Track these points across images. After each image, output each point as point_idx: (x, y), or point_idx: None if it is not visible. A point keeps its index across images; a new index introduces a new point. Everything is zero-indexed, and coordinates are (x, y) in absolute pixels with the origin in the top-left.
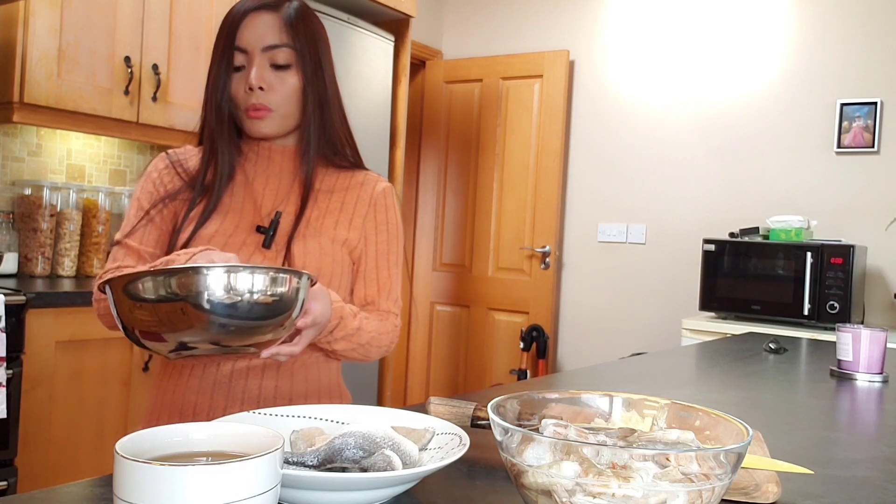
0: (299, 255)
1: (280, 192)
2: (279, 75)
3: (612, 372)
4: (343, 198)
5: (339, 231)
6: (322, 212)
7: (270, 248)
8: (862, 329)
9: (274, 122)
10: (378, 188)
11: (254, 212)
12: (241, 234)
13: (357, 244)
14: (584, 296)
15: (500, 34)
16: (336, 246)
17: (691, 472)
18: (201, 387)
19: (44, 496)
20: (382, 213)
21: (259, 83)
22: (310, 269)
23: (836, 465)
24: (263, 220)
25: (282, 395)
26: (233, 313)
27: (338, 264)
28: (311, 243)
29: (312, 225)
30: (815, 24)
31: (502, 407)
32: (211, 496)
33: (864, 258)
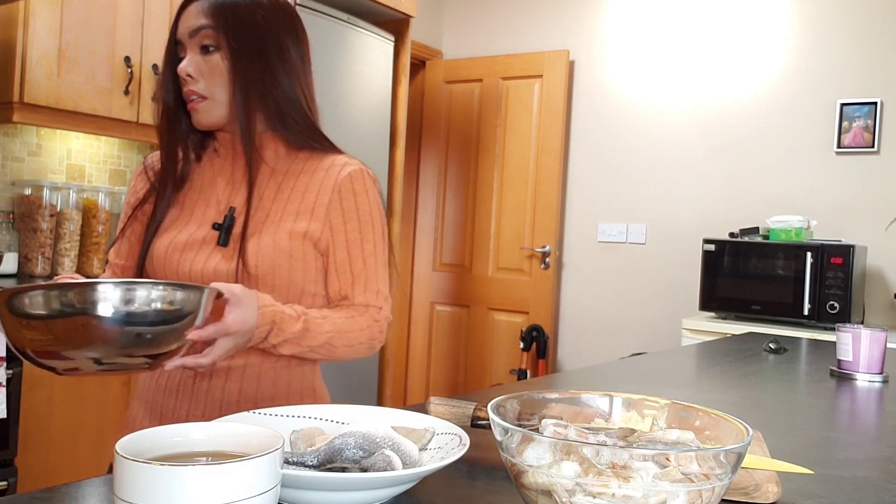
0: (252, 253)
1: (234, 184)
2: (208, 60)
3: (612, 372)
4: (307, 183)
5: (300, 223)
6: (283, 202)
7: (227, 245)
8: (862, 329)
9: (210, 110)
10: (343, 173)
11: (209, 206)
12: (202, 232)
13: (322, 235)
14: (584, 296)
15: (500, 34)
16: (295, 240)
17: (691, 472)
18: (168, 388)
19: (44, 496)
20: (350, 200)
21: (187, 71)
22: (263, 268)
23: (836, 465)
24: (220, 216)
25: (246, 399)
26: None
27: (297, 260)
28: (266, 239)
29: (271, 218)
30: (816, 25)
31: (502, 407)
32: (211, 496)
33: (864, 258)
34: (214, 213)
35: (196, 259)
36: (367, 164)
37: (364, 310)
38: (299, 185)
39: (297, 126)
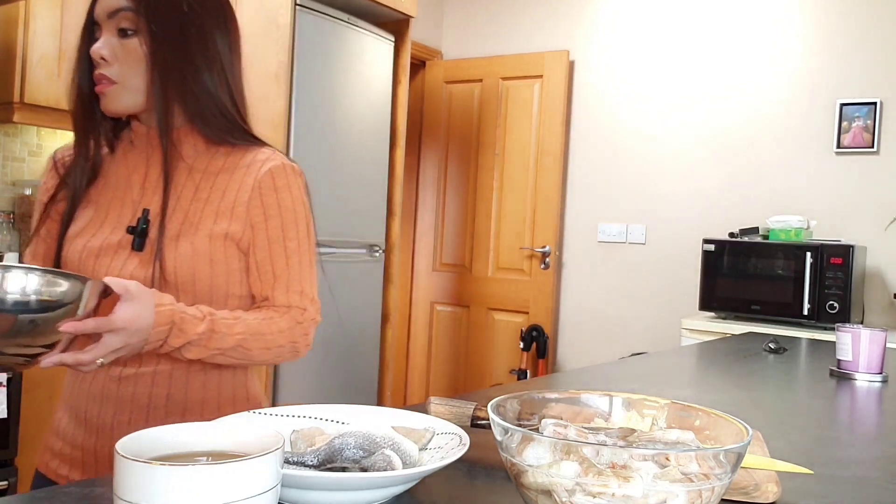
0: (170, 259)
1: (148, 182)
2: (125, 44)
3: (611, 372)
4: (227, 182)
5: (219, 224)
6: (201, 203)
7: (143, 250)
8: (861, 329)
9: (119, 96)
10: (264, 169)
11: (124, 208)
12: (117, 235)
13: (243, 235)
14: (584, 296)
15: (500, 34)
16: (215, 243)
17: (691, 472)
18: (91, 392)
19: (44, 496)
20: (271, 196)
21: (101, 53)
22: (182, 274)
23: (836, 464)
24: (135, 218)
25: (175, 404)
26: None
27: (218, 264)
28: (184, 244)
29: (189, 220)
30: (815, 25)
31: (502, 407)
32: (211, 496)
33: (863, 258)
34: (130, 214)
35: (112, 265)
36: (367, 164)
37: (285, 311)
38: (219, 183)
39: (216, 120)
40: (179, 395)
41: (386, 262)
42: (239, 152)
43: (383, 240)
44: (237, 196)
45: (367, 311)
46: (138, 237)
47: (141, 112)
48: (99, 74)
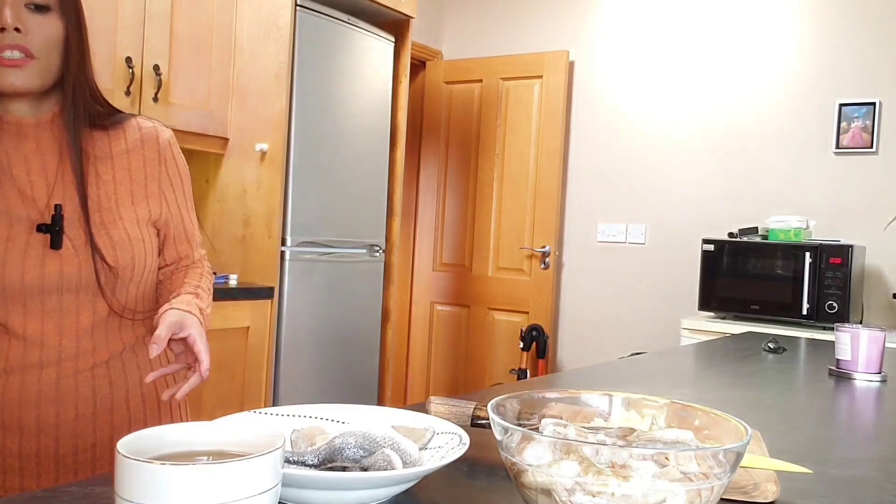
0: (108, 249)
1: (49, 175)
2: (38, 19)
3: (611, 371)
4: (129, 162)
5: (140, 207)
6: (110, 185)
7: (61, 247)
8: (860, 329)
9: (34, 72)
10: (162, 140)
11: (25, 205)
12: (21, 235)
13: (161, 213)
14: (584, 295)
15: (499, 35)
16: (142, 227)
17: (690, 472)
18: (23, 399)
19: (45, 495)
20: (173, 166)
21: (15, 23)
22: (123, 261)
23: (835, 464)
24: (43, 215)
25: (118, 390)
26: None
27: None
28: (116, 231)
29: (105, 207)
30: (815, 26)
31: (502, 406)
32: (212, 495)
33: (862, 258)
34: (27, 211)
35: (27, 267)
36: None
37: (201, 263)
38: (120, 165)
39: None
40: (120, 381)
41: (386, 262)
42: (118, 130)
43: (383, 240)
44: (146, 173)
45: (367, 311)
46: (55, 235)
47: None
48: (10, 45)
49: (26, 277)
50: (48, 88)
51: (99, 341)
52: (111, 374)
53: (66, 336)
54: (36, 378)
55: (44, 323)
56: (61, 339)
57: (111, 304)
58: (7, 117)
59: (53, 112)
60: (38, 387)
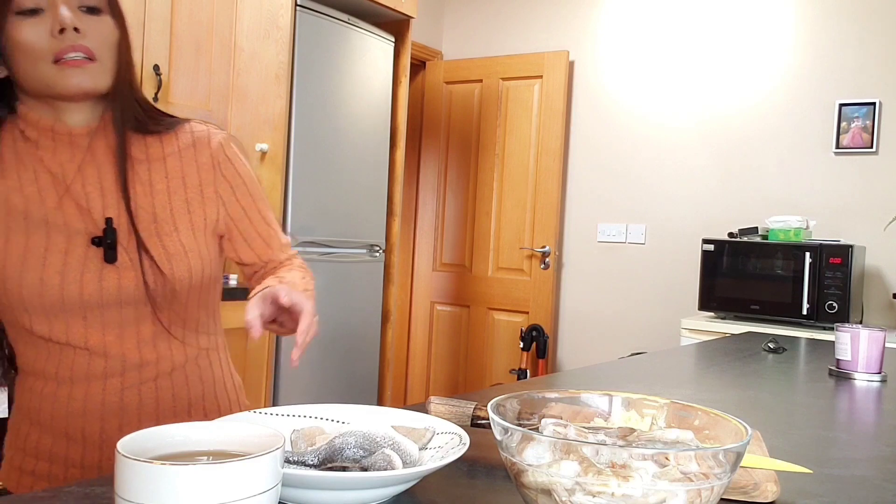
0: (163, 262)
1: (104, 185)
2: (92, 20)
3: (611, 371)
4: (180, 167)
5: (196, 215)
6: (165, 198)
7: (116, 261)
8: (860, 329)
9: (97, 73)
10: (214, 143)
11: (82, 218)
12: (79, 249)
13: (219, 217)
14: (584, 296)
15: (499, 35)
16: (199, 236)
17: (690, 472)
18: (87, 409)
19: (46, 495)
20: (229, 168)
21: (74, 23)
22: (179, 273)
23: (835, 464)
24: (98, 227)
25: (181, 402)
26: None
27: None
28: (171, 243)
29: (161, 217)
30: (815, 25)
31: (502, 406)
32: (212, 495)
33: (862, 258)
34: (83, 223)
35: (85, 281)
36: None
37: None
38: (172, 170)
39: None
40: (183, 393)
41: (386, 262)
42: (170, 135)
43: (383, 240)
44: (200, 178)
45: (367, 311)
46: (108, 248)
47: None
48: (71, 46)
49: (85, 291)
50: (104, 90)
51: (162, 352)
52: (174, 386)
53: (127, 346)
54: (100, 388)
55: (105, 334)
56: (123, 349)
57: (170, 315)
58: (58, 127)
59: (103, 119)
60: (102, 397)
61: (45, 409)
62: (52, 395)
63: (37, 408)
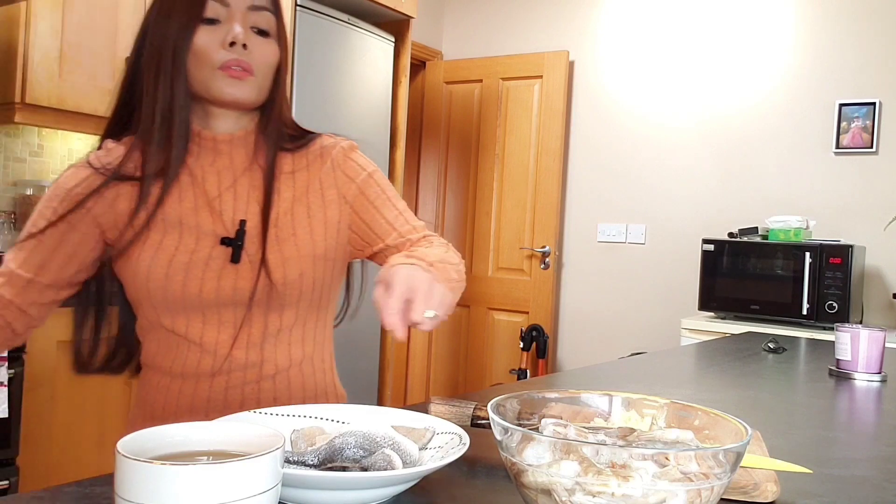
0: (277, 265)
1: (238, 191)
2: (259, 41)
3: (611, 371)
4: (307, 179)
5: (315, 220)
6: (287, 206)
7: (240, 262)
8: (860, 329)
9: (251, 88)
10: (336, 150)
11: (213, 220)
12: (205, 248)
13: (341, 216)
14: (584, 296)
15: (499, 35)
16: (318, 240)
17: (690, 472)
18: (194, 405)
19: (45, 495)
20: (351, 167)
21: (245, 40)
22: (291, 277)
23: (835, 464)
24: (227, 228)
25: (281, 403)
26: None
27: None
28: (287, 247)
29: (281, 223)
30: (814, 25)
31: (502, 406)
32: (212, 495)
33: (862, 258)
34: (213, 224)
35: (206, 278)
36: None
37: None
38: (299, 182)
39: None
40: (284, 397)
41: None
42: (301, 152)
43: None
44: (322, 183)
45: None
46: (236, 249)
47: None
48: (236, 60)
49: (204, 289)
50: (258, 104)
51: (268, 355)
52: (276, 390)
53: (238, 347)
54: (207, 386)
55: (220, 332)
56: (233, 349)
57: (280, 319)
58: (204, 133)
59: (246, 130)
60: (208, 394)
61: (158, 401)
62: (166, 389)
63: (152, 401)
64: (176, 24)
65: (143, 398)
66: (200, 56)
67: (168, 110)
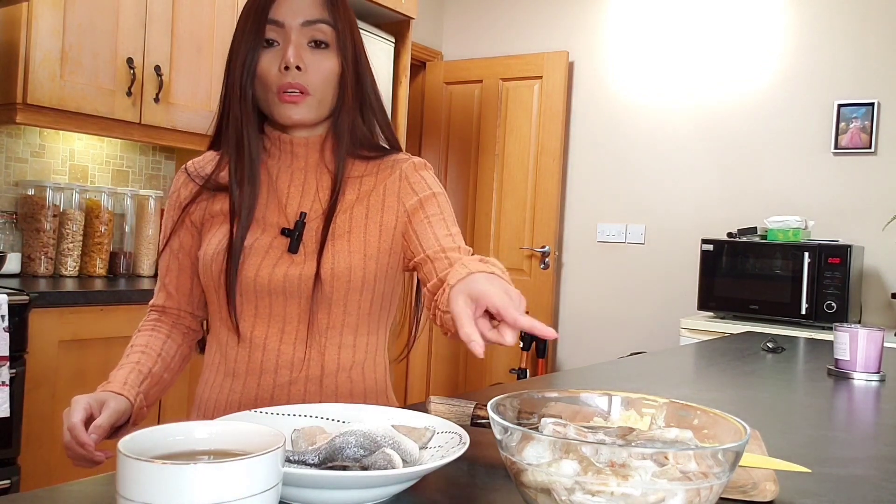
0: (328, 258)
1: (306, 189)
2: (317, 55)
3: (610, 371)
4: (373, 183)
5: (371, 221)
6: (349, 203)
7: (297, 252)
8: (859, 328)
9: (310, 107)
10: (406, 164)
11: (278, 212)
12: (267, 237)
13: (398, 222)
14: (584, 295)
15: (499, 35)
16: (371, 241)
17: (689, 471)
18: (242, 404)
19: (46, 495)
20: (418, 181)
21: (297, 61)
22: (340, 270)
23: (834, 463)
24: (289, 221)
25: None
26: None
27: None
28: (340, 244)
29: (340, 219)
30: (813, 26)
31: (502, 406)
32: (213, 494)
33: (861, 258)
34: (277, 216)
35: (262, 265)
36: None
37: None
38: (364, 187)
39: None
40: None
41: None
42: (374, 162)
43: None
44: (385, 190)
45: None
46: (294, 240)
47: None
48: (290, 84)
49: (259, 275)
50: (324, 117)
51: (314, 354)
52: (322, 394)
53: (285, 342)
54: (255, 384)
55: (269, 326)
56: (280, 344)
57: (329, 319)
58: (283, 137)
59: (320, 136)
60: (256, 392)
61: (211, 400)
62: (219, 387)
63: (206, 399)
64: (244, 48)
65: (200, 397)
66: (262, 80)
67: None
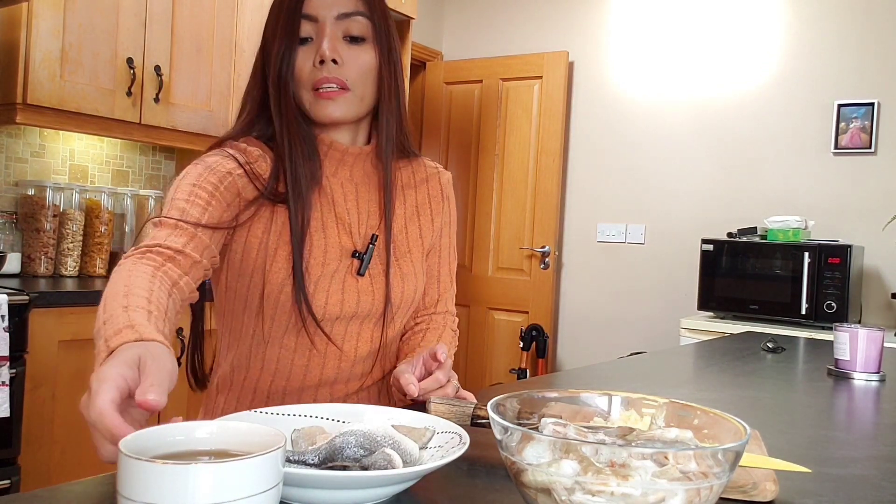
0: (397, 281)
1: (361, 203)
2: (353, 49)
3: (611, 371)
4: (416, 197)
5: (425, 241)
6: (403, 222)
7: (364, 275)
8: (859, 328)
9: (348, 103)
10: (444, 179)
11: (340, 231)
12: (333, 260)
13: (431, 248)
14: (584, 295)
15: (499, 35)
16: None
17: (689, 471)
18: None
19: (47, 494)
20: (450, 207)
21: (333, 55)
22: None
23: (834, 463)
24: (355, 241)
25: None
26: None
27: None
28: (406, 263)
29: (399, 239)
30: (813, 26)
31: (502, 406)
32: (213, 494)
33: (861, 258)
34: (340, 235)
35: (332, 290)
36: None
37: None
38: (409, 199)
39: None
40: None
41: None
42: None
43: None
44: (432, 208)
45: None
46: (364, 263)
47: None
48: (325, 78)
49: (329, 302)
50: (363, 115)
51: (365, 368)
52: (369, 401)
53: (344, 360)
54: (311, 397)
55: (328, 344)
56: (340, 361)
57: (386, 333)
58: (335, 143)
59: (370, 143)
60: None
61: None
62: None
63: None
64: (278, 46)
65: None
66: (298, 78)
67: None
